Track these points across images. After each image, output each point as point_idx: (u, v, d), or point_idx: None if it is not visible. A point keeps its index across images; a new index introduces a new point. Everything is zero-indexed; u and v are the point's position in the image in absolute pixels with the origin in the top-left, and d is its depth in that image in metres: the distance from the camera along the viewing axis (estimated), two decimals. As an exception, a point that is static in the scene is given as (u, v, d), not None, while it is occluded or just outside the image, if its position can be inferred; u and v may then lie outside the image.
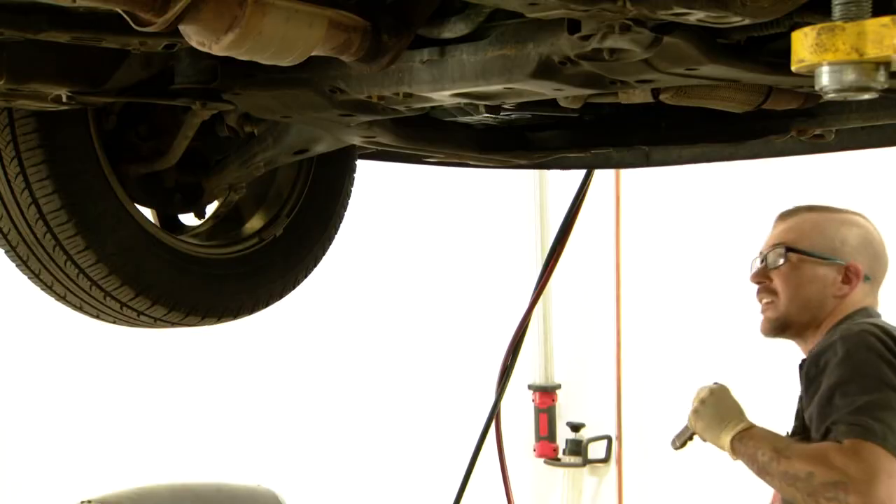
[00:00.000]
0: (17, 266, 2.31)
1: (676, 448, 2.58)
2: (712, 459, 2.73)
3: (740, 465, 2.37)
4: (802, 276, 2.46)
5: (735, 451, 2.37)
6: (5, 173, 2.16)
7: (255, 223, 2.64)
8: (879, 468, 2.14)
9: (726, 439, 2.38)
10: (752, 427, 2.37)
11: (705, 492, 5.72)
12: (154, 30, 1.38)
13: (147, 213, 2.43)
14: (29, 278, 2.33)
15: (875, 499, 2.14)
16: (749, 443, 2.34)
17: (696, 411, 2.46)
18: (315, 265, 2.71)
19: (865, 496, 2.13)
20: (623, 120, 2.48)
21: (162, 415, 5.76)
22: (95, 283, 2.25)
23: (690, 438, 2.53)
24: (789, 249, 2.45)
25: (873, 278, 2.49)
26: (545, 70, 1.68)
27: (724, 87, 1.97)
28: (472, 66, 1.74)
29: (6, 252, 2.29)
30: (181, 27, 1.40)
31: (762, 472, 2.31)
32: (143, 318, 2.36)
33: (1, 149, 2.15)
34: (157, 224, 2.45)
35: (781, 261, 2.46)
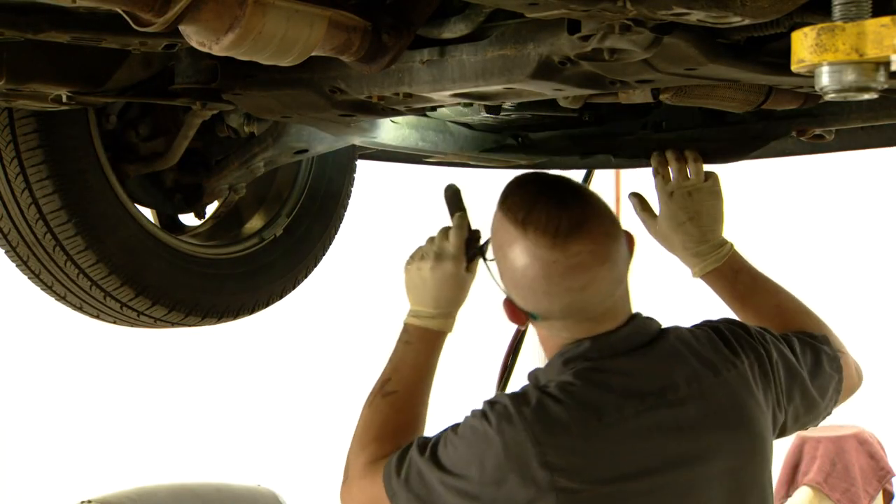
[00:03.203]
0: (18, 266, 2.31)
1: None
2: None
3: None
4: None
5: (405, 329, 2.07)
6: (5, 173, 2.16)
7: (255, 223, 2.64)
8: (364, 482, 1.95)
9: (407, 315, 2.08)
10: (427, 333, 2.05)
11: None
12: (154, 30, 1.38)
13: (147, 213, 2.44)
14: (29, 278, 2.33)
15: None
16: (400, 349, 2.06)
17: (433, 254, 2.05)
18: (315, 265, 2.71)
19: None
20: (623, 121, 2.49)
21: (162, 415, 5.76)
22: (95, 283, 2.25)
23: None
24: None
25: (547, 317, 1.89)
26: (545, 70, 1.68)
27: (724, 87, 1.97)
28: (472, 67, 1.74)
29: (6, 252, 2.29)
30: (181, 27, 1.40)
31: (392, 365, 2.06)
32: (143, 318, 2.36)
33: (1, 149, 2.15)
34: (157, 224, 2.46)
35: None
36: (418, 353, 2.07)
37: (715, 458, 1.86)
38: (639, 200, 2.26)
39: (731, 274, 2.16)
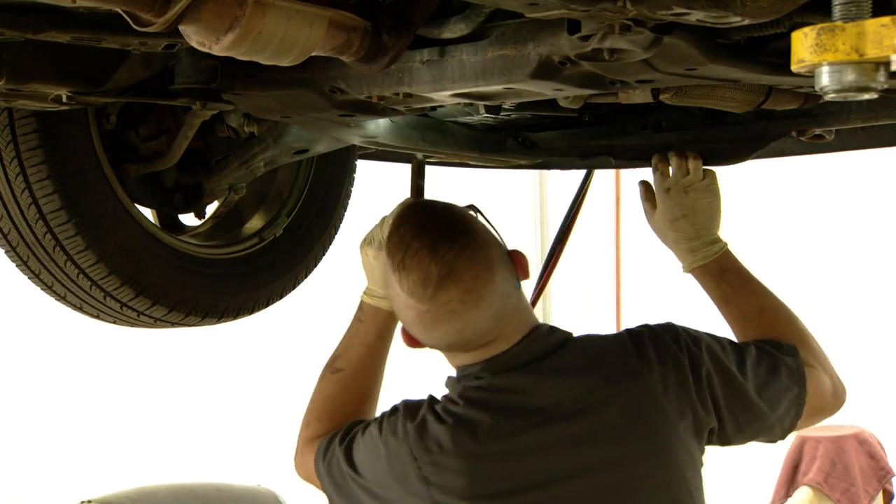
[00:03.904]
0: (18, 266, 2.31)
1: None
2: (712, 459, 2.73)
3: (740, 466, 2.33)
4: None
5: (360, 306, 2.15)
6: (5, 173, 2.16)
7: (255, 223, 2.64)
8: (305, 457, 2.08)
9: (363, 292, 2.15)
10: (378, 312, 2.10)
11: (705, 491, 5.70)
12: (154, 30, 1.38)
13: (147, 213, 2.43)
14: (29, 278, 2.33)
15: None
16: (353, 327, 2.14)
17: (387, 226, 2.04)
18: (315, 265, 2.71)
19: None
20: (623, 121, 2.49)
21: (162, 415, 5.76)
22: (95, 283, 2.25)
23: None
24: None
25: (436, 348, 1.97)
26: (545, 70, 1.68)
27: (723, 87, 1.97)
28: (472, 67, 1.74)
29: (6, 252, 2.29)
30: (181, 27, 1.40)
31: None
32: (143, 318, 2.36)
33: (1, 149, 2.15)
34: (157, 224, 2.46)
35: None
36: (368, 332, 2.13)
37: (607, 470, 1.86)
38: (645, 189, 2.26)
39: (718, 272, 2.15)
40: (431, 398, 1.95)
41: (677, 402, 1.88)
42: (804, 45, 1.30)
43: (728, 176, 2.29)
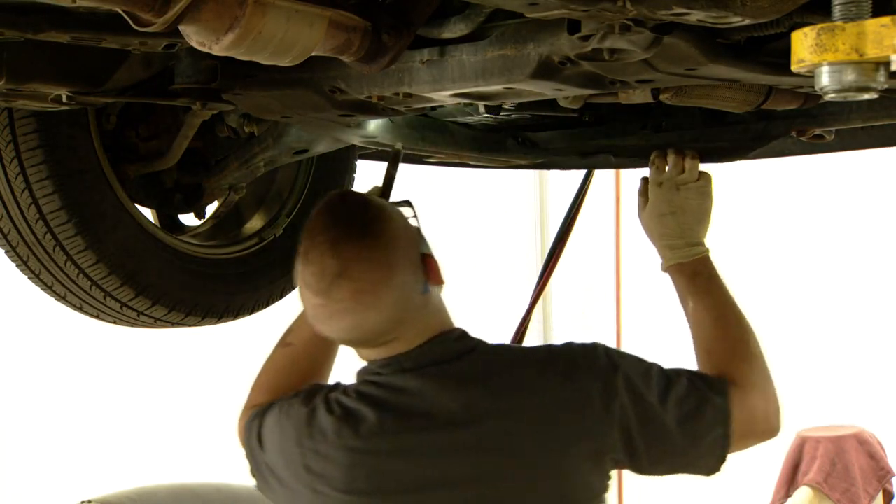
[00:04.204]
0: (18, 266, 2.31)
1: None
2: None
3: (741, 466, 2.29)
4: None
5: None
6: (5, 173, 2.16)
7: (255, 223, 2.64)
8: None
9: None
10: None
11: (705, 492, 5.71)
12: (154, 30, 1.38)
13: (147, 213, 2.44)
14: (29, 278, 2.33)
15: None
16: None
17: None
18: (315, 265, 2.71)
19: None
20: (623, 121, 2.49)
21: (162, 415, 5.76)
22: (95, 283, 2.25)
23: None
24: None
25: (334, 339, 2.01)
26: (545, 70, 1.68)
27: (723, 87, 1.97)
28: (472, 67, 1.74)
29: (6, 252, 2.29)
30: (181, 27, 1.41)
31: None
32: (143, 318, 2.36)
33: (1, 149, 2.15)
34: (157, 224, 2.46)
35: None
36: None
37: (484, 483, 1.84)
38: (644, 184, 2.26)
39: (690, 274, 2.11)
40: (333, 386, 1.96)
41: (575, 426, 1.85)
42: (804, 45, 1.30)
43: (727, 176, 2.29)
